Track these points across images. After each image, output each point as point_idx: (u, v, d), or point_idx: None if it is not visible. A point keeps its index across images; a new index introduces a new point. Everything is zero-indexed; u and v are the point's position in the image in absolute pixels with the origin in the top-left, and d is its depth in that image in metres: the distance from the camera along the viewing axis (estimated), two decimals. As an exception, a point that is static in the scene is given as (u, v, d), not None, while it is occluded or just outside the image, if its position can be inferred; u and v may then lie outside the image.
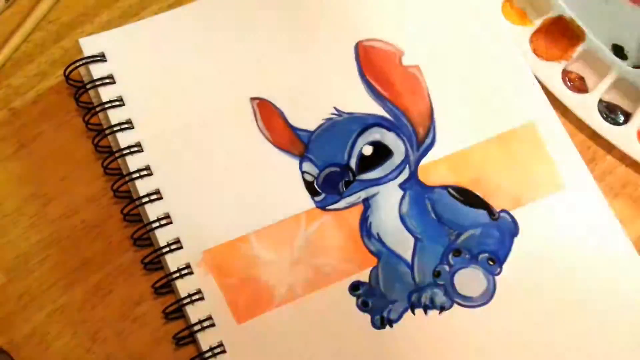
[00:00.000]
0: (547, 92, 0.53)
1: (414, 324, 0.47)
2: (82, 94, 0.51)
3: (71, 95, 0.52)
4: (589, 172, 0.51)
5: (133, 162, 0.49)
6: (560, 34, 0.56)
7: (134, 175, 0.49)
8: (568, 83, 0.55)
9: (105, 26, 0.55)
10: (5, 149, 0.52)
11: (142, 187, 0.49)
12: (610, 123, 0.54)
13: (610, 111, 0.55)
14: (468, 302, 0.48)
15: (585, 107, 0.54)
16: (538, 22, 0.56)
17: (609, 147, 0.54)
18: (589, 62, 0.56)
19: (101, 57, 0.51)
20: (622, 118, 0.55)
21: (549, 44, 0.56)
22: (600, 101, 0.54)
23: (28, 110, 0.53)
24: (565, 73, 0.55)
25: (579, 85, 0.56)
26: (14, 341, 0.48)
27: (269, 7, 0.53)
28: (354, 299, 0.48)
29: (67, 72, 0.51)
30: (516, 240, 0.49)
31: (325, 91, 0.52)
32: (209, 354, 0.46)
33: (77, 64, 0.51)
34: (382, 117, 0.51)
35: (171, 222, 0.48)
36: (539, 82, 0.54)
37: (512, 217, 0.50)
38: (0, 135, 0.52)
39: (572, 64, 0.56)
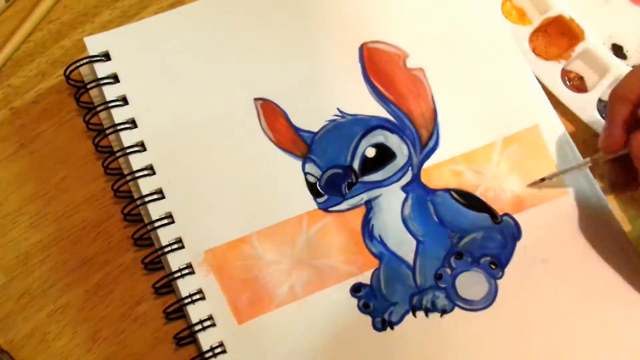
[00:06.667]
0: (546, 92, 0.53)
1: (415, 327, 0.47)
2: (83, 94, 0.51)
3: (71, 95, 0.52)
4: (590, 173, 0.51)
5: (136, 161, 0.49)
6: (559, 33, 0.56)
7: (137, 175, 0.49)
8: (567, 82, 0.55)
9: (106, 26, 0.55)
10: (5, 148, 0.51)
11: (145, 186, 0.49)
12: (610, 123, 0.54)
13: (609, 111, 0.55)
14: (469, 305, 0.48)
15: (585, 106, 0.54)
16: (537, 22, 0.56)
17: (608, 147, 0.54)
18: (589, 62, 0.56)
19: (105, 57, 0.51)
20: (621, 118, 0.55)
21: (549, 44, 0.56)
22: (600, 101, 0.54)
23: (28, 110, 0.52)
24: (564, 72, 0.55)
25: (578, 85, 0.56)
26: (14, 341, 0.48)
27: (272, 7, 0.53)
28: (355, 300, 0.48)
29: (69, 72, 0.50)
30: (518, 244, 0.49)
31: (329, 92, 0.51)
32: (210, 354, 0.46)
33: (81, 62, 0.50)
34: (386, 119, 0.51)
35: (173, 222, 0.48)
36: (538, 81, 0.54)
37: (514, 220, 0.50)
38: (0, 135, 0.52)
39: (571, 63, 0.56)
